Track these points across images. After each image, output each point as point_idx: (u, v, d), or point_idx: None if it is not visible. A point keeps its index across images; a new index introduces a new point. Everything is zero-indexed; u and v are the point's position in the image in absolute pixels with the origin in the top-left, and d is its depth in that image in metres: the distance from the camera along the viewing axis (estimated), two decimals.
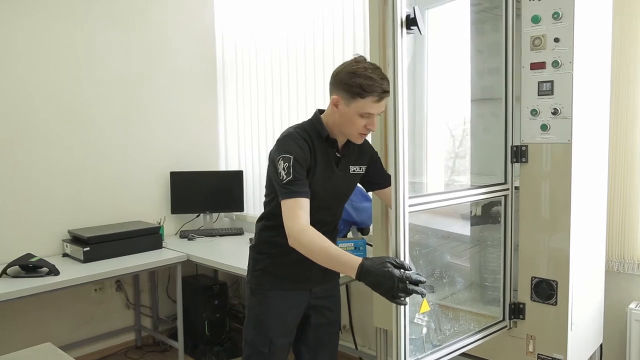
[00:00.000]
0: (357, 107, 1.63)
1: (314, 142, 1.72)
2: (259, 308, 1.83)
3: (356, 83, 1.60)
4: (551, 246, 1.66)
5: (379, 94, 1.60)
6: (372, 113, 1.64)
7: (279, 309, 1.81)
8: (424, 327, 1.79)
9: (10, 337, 2.91)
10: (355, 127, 1.67)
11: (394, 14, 1.31)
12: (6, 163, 2.88)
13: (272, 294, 1.82)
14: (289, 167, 1.63)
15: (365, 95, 1.60)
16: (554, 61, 1.60)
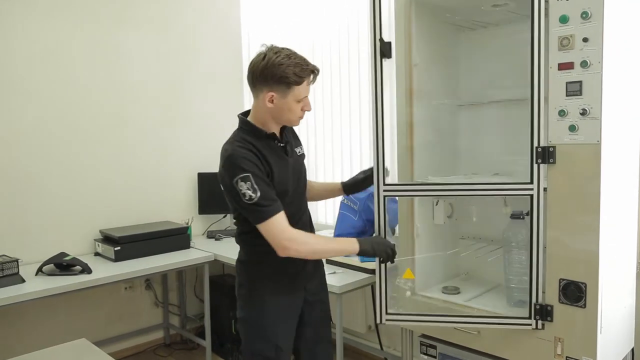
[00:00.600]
0: (294, 95, 1.67)
1: (257, 146, 1.70)
2: (259, 318, 1.79)
3: (290, 72, 1.63)
4: (580, 248, 1.64)
5: (310, 75, 1.68)
6: (307, 95, 1.71)
7: (279, 314, 1.79)
8: (408, 291, 2.08)
9: (45, 332, 3.01)
10: (294, 114, 1.71)
11: None
12: (42, 165, 2.98)
13: (271, 301, 1.79)
14: (252, 185, 1.61)
15: (301, 80, 1.65)
16: (582, 61, 1.58)
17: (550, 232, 1.69)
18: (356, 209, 2.63)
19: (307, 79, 1.67)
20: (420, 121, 2.07)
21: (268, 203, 1.63)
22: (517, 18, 2.03)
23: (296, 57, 1.66)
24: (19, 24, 2.86)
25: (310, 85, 1.71)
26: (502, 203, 2.07)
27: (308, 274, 1.88)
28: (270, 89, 1.66)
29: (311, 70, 1.68)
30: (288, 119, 1.74)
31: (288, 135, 1.84)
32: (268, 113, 1.71)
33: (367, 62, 3.03)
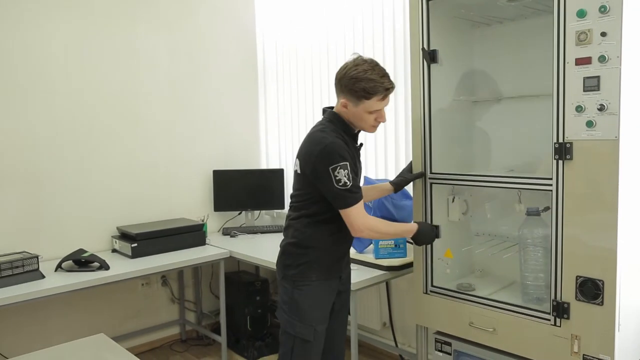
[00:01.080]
0: (365, 107, 1.78)
1: (347, 141, 1.83)
2: (304, 300, 1.87)
3: (360, 87, 1.74)
4: (597, 245, 1.62)
5: (382, 93, 1.76)
6: (380, 109, 1.80)
7: (322, 298, 1.90)
8: (447, 268, 2.19)
9: (64, 327, 3.06)
10: (366, 122, 1.83)
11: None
12: (61, 163, 3.03)
13: (316, 284, 1.88)
14: (348, 173, 1.74)
15: (370, 97, 1.75)
16: (600, 56, 1.56)
17: (567, 229, 1.68)
18: (371, 206, 2.62)
19: (377, 96, 1.76)
20: (436, 117, 2.06)
21: (356, 191, 1.78)
22: (533, 13, 2.02)
23: (374, 72, 1.75)
24: (31, 25, 2.90)
25: (384, 101, 1.79)
26: (517, 200, 2.06)
27: (345, 264, 2.00)
28: (344, 97, 1.80)
29: (385, 88, 1.76)
30: (360, 126, 1.86)
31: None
32: (346, 115, 1.84)
33: (382, 60, 3.02)
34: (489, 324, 1.91)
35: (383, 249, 2.51)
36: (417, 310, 2.16)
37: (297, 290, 1.89)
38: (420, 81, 2.04)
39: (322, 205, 1.83)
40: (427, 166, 2.07)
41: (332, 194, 1.77)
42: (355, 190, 1.77)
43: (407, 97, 2.88)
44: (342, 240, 1.93)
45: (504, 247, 2.17)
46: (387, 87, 1.77)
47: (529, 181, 1.80)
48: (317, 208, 1.86)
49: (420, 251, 2.11)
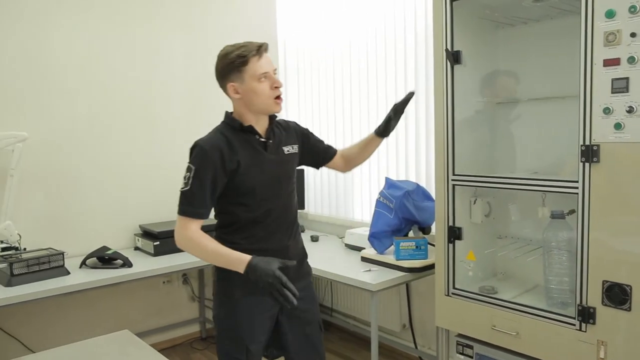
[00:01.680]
0: (250, 75, 1.66)
1: (231, 140, 1.70)
2: (229, 320, 1.75)
3: (232, 57, 1.66)
4: (625, 249, 1.59)
5: (255, 51, 1.65)
6: (267, 71, 1.67)
7: (250, 317, 1.73)
8: (470, 270, 2.14)
9: (88, 323, 3.12)
10: (264, 95, 1.68)
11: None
12: (86, 163, 3.09)
13: (241, 301, 1.73)
14: (190, 178, 1.66)
15: (246, 59, 1.65)
16: (629, 57, 1.53)
17: (593, 232, 1.65)
18: (392, 207, 2.62)
19: (254, 56, 1.66)
20: (459, 119, 2.05)
21: (189, 201, 1.66)
22: (559, 13, 1.99)
23: (240, 43, 1.69)
24: (52, 24, 2.95)
25: (263, 61, 1.67)
26: (540, 202, 2.04)
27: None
28: (229, 80, 1.69)
29: (256, 45, 1.67)
30: (260, 103, 1.70)
31: (278, 133, 1.81)
32: (242, 105, 1.72)
33: (403, 63, 3.01)
34: (512, 327, 1.89)
35: (404, 250, 2.50)
36: (439, 312, 2.14)
37: (222, 309, 1.77)
38: (444, 82, 2.02)
39: (231, 214, 1.72)
40: (449, 168, 2.05)
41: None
42: (188, 203, 1.66)
43: (428, 99, 2.86)
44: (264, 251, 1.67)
45: (527, 250, 2.14)
46: (258, 45, 1.67)
47: (555, 184, 1.78)
48: (226, 217, 1.75)
49: (442, 253, 2.10)
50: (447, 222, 2.08)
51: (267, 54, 1.70)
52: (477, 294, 2.03)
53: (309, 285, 1.91)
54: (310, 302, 1.88)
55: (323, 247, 3.19)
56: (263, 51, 1.68)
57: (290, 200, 1.83)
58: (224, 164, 1.66)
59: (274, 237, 1.76)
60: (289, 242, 1.81)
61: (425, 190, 2.73)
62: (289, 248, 1.80)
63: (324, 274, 2.64)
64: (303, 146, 1.91)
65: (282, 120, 1.89)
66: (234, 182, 1.68)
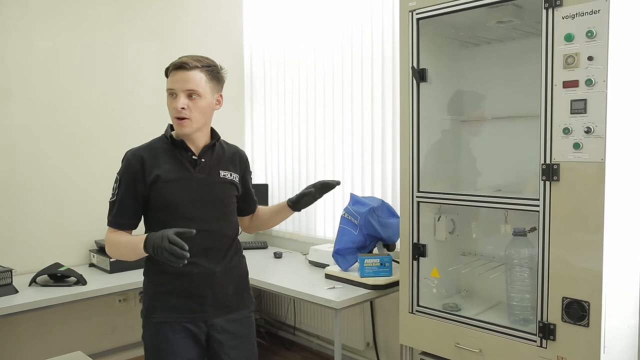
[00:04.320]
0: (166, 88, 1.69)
1: (158, 152, 1.70)
2: (151, 342, 1.69)
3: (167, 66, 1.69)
4: (583, 266, 1.63)
5: (174, 67, 1.66)
6: (172, 88, 1.66)
7: (171, 342, 1.65)
8: (434, 287, 2.15)
9: (39, 344, 2.95)
10: (170, 110, 1.69)
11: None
12: (37, 174, 2.96)
13: (162, 325, 1.67)
14: (115, 188, 1.69)
15: (167, 73, 1.69)
16: (587, 79, 1.59)
17: (554, 250, 1.69)
18: (356, 224, 2.61)
19: (172, 71, 1.68)
20: (424, 136, 2.07)
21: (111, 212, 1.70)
22: (522, 35, 2.05)
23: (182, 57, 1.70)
24: (15, 30, 2.85)
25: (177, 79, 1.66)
26: (503, 220, 2.07)
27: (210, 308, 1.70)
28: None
29: (177, 64, 1.68)
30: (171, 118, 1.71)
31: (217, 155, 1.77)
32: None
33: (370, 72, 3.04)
34: (475, 344, 1.89)
35: (368, 267, 2.49)
36: (403, 330, 2.13)
37: (145, 331, 1.71)
38: (410, 99, 2.04)
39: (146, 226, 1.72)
40: (414, 184, 2.06)
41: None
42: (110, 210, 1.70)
43: (395, 115, 2.89)
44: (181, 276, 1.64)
45: (490, 267, 2.17)
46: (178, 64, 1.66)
47: (516, 201, 1.82)
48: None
49: (406, 270, 2.10)
50: (412, 239, 2.08)
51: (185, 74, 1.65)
52: (441, 311, 2.03)
53: (247, 319, 1.80)
54: (242, 339, 1.77)
55: (286, 264, 3.15)
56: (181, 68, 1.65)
57: (219, 225, 1.73)
58: (144, 174, 1.66)
59: (199, 261, 1.66)
60: (217, 268, 1.71)
61: (390, 206, 2.74)
62: (217, 274, 1.71)
63: (287, 291, 2.60)
64: (240, 181, 1.84)
65: (233, 146, 1.87)
66: (152, 195, 1.66)
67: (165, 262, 1.46)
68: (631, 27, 1.72)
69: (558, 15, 1.63)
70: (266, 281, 2.74)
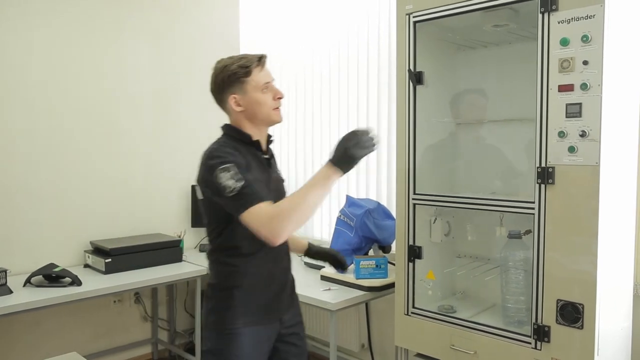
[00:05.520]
0: (254, 86, 1.63)
1: (241, 151, 1.63)
2: (229, 350, 1.64)
3: (234, 69, 1.63)
4: (578, 269, 1.64)
5: (256, 62, 1.64)
6: (268, 81, 1.66)
7: (252, 347, 1.65)
8: (429, 289, 2.15)
9: (33, 345, 2.94)
10: (266, 104, 1.66)
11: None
12: (33, 174, 2.94)
13: (244, 331, 1.64)
14: (235, 174, 1.51)
15: (248, 69, 1.63)
16: (582, 84, 1.60)
17: (548, 252, 1.70)
18: (352, 225, 2.61)
19: (256, 67, 1.64)
20: (420, 138, 2.07)
21: (252, 192, 1.50)
22: (518, 39, 2.06)
23: (239, 55, 1.68)
24: (12, 30, 2.84)
25: (265, 71, 1.67)
26: (499, 222, 2.08)
27: (284, 303, 1.74)
28: (230, 93, 1.65)
29: (256, 57, 1.66)
30: (263, 113, 1.66)
31: (272, 152, 1.79)
32: (243, 118, 1.67)
33: (366, 74, 3.05)
34: (470, 346, 1.90)
35: (364, 269, 2.49)
36: (398, 331, 2.14)
37: (221, 340, 1.65)
38: (406, 102, 2.05)
39: (236, 233, 1.59)
40: (410, 187, 2.07)
41: (225, 202, 1.53)
42: (249, 191, 1.49)
43: (391, 118, 2.90)
44: (271, 274, 1.68)
45: (485, 269, 2.18)
46: (259, 56, 1.65)
47: (512, 204, 1.82)
48: (226, 238, 1.63)
49: (402, 272, 2.10)
50: (407, 241, 2.08)
51: (267, 66, 1.68)
52: (436, 313, 2.04)
53: (300, 310, 1.86)
54: (303, 329, 1.85)
55: None
56: (264, 62, 1.67)
57: None
58: (244, 163, 1.58)
59: (280, 260, 1.72)
60: (288, 264, 1.78)
61: (386, 208, 2.75)
62: (288, 271, 1.78)
63: None
64: None
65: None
66: None
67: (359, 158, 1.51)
68: (626, 32, 1.74)
69: (554, 19, 1.64)
70: None
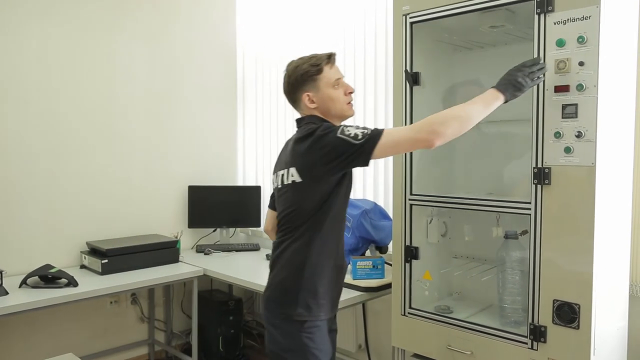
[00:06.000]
0: (325, 82, 1.72)
1: None
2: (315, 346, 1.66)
3: (306, 67, 1.72)
4: (574, 269, 1.64)
5: (326, 59, 1.72)
6: (339, 77, 1.75)
7: (328, 339, 1.72)
8: (426, 290, 2.15)
9: (29, 346, 2.93)
10: (339, 100, 1.74)
11: None
12: (28, 175, 2.94)
13: (324, 324, 1.70)
14: (359, 127, 1.59)
15: (320, 67, 1.72)
16: (578, 84, 1.60)
17: (545, 252, 1.70)
18: (349, 226, 2.61)
19: (327, 64, 1.73)
20: None
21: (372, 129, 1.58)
22: (514, 40, 2.07)
23: (309, 55, 1.76)
24: (5, 31, 2.83)
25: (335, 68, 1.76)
26: (495, 223, 2.08)
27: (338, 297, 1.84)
28: (304, 91, 1.73)
29: (326, 55, 1.74)
30: (336, 109, 1.74)
31: None
32: (317, 114, 1.74)
33: (362, 77, 3.05)
34: (467, 346, 1.90)
35: (361, 270, 2.49)
36: (395, 332, 2.14)
37: (306, 334, 1.65)
38: (403, 103, 2.05)
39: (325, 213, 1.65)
40: (407, 187, 2.07)
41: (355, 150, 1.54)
42: (371, 128, 1.58)
43: (388, 118, 2.90)
44: (343, 260, 1.80)
45: (482, 269, 2.18)
46: (328, 54, 1.74)
47: (508, 204, 1.83)
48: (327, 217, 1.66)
49: (398, 273, 2.10)
50: (404, 241, 2.08)
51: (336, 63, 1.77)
52: (433, 313, 2.04)
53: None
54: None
55: None
56: (334, 59, 1.75)
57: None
58: None
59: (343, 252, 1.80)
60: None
61: (383, 209, 2.75)
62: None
63: None
64: None
65: None
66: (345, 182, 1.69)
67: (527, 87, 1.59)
68: (621, 33, 1.75)
69: (550, 20, 1.65)
70: (258, 283, 2.73)
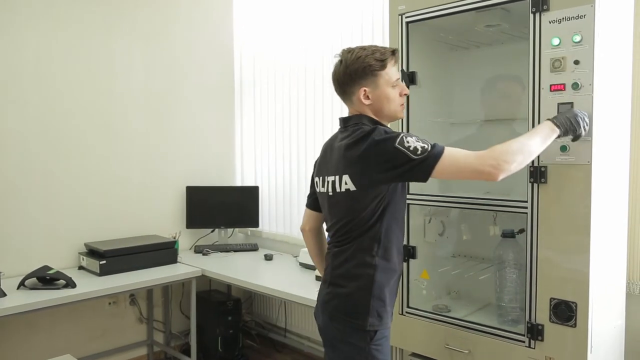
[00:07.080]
0: (385, 81, 1.59)
1: None
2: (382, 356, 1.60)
3: (371, 60, 1.57)
4: (571, 267, 1.65)
5: (389, 55, 1.60)
6: (398, 77, 1.64)
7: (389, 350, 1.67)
8: (424, 289, 2.14)
9: (27, 348, 2.93)
10: (394, 101, 1.62)
11: None
12: (26, 176, 2.93)
13: (389, 333, 1.64)
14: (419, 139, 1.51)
15: (384, 62, 1.58)
16: (573, 83, 1.61)
17: (542, 251, 1.70)
18: None
19: (390, 60, 1.60)
20: None
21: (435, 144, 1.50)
22: (510, 39, 2.07)
23: (370, 46, 1.62)
24: (5, 31, 2.83)
25: (396, 67, 1.64)
26: (492, 222, 2.09)
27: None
28: (361, 85, 1.59)
29: (390, 51, 1.61)
30: (390, 109, 1.63)
31: None
32: (368, 111, 1.62)
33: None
34: (465, 345, 1.91)
35: None
36: (393, 331, 2.11)
37: (374, 346, 1.58)
38: None
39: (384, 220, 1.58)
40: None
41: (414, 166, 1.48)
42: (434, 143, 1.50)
43: None
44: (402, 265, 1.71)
45: (479, 268, 2.19)
46: (392, 50, 1.61)
47: (505, 203, 1.83)
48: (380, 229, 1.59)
49: None
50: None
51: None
52: (430, 312, 2.04)
53: None
54: None
55: (277, 266, 3.15)
56: (398, 56, 1.64)
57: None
58: None
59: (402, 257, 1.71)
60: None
61: None
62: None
63: (278, 293, 2.60)
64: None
65: None
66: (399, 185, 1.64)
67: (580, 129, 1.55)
68: (616, 32, 1.75)
69: (545, 19, 1.65)
70: (257, 283, 2.75)
